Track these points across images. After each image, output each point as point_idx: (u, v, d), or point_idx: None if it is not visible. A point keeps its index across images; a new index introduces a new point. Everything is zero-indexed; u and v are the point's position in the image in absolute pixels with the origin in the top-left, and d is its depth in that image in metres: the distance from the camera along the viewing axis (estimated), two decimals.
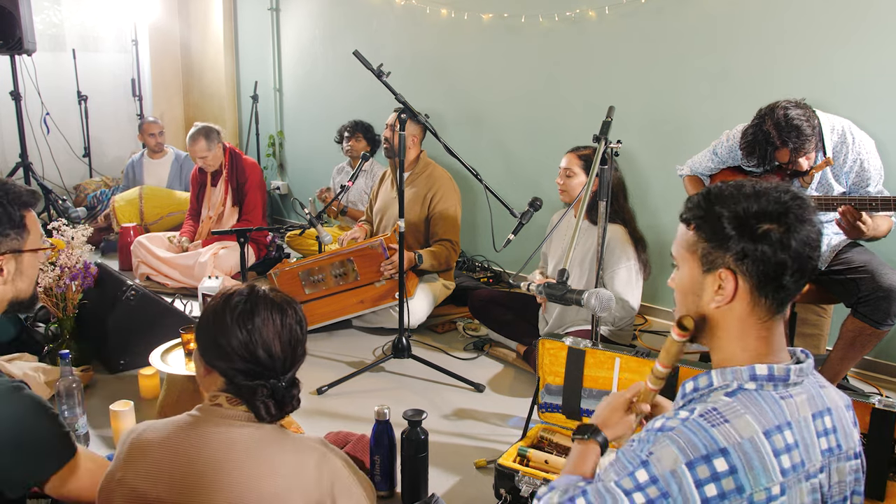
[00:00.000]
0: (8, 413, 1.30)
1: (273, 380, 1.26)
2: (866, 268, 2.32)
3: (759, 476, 0.93)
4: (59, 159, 5.37)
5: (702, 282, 1.06)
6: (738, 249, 1.00)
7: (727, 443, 0.93)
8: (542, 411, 2.23)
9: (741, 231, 1.00)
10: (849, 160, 2.36)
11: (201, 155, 3.93)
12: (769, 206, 1.00)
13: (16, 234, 1.39)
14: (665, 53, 3.32)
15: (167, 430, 1.24)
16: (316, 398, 2.64)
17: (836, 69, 2.82)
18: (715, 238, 1.02)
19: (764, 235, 0.98)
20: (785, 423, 0.97)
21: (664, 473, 0.93)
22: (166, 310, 2.86)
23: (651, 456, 0.95)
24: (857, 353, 2.37)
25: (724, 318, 1.05)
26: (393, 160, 3.43)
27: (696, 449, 0.93)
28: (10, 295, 1.42)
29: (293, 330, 1.28)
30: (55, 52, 5.45)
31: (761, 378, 1.01)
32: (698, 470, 0.92)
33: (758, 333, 1.04)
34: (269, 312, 1.25)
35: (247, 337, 1.22)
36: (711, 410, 0.97)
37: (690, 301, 1.09)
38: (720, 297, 1.03)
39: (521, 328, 2.97)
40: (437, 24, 4.20)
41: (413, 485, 1.95)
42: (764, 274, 1.00)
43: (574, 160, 2.70)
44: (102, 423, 2.36)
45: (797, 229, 0.99)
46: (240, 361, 1.23)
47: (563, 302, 1.42)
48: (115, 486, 1.23)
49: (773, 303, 1.02)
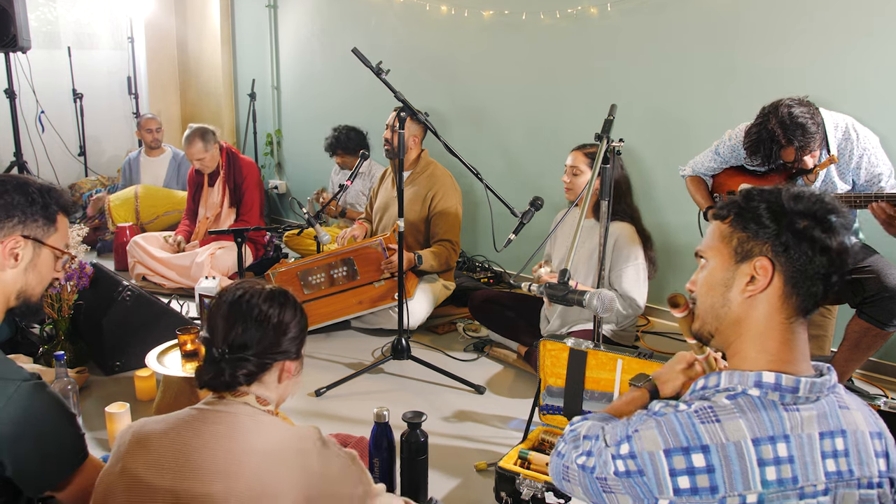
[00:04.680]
0: (33, 410, 1.30)
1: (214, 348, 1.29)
2: (872, 268, 2.30)
3: (736, 481, 0.93)
4: (54, 158, 5.33)
5: (733, 273, 1.06)
6: (780, 241, 1.01)
7: (710, 441, 0.94)
8: (543, 413, 2.22)
9: (780, 223, 1.01)
10: (854, 157, 2.34)
11: (198, 157, 3.90)
12: (813, 207, 1.02)
13: (44, 223, 1.39)
14: (667, 51, 3.30)
15: (170, 422, 1.26)
16: (314, 400, 2.61)
17: (840, 67, 2.80)
18: (753, 229, 1.04)
19: (805, 232, 1.00)
20: (781, 435, 0.96)
21: (642, 452, 0.98)
22: (163, 310, 2.84)
23: (635, 434, 1.00)
24: (862, 354, 2.35)
25: (749, 313, 1.05)
26: (393, 161, 3.40)
27: (678, 439, 0.96)
28: (19, 285, 1.39)
29: (252, 306, 1.30)
30: (50, 49, 5.42)
31: (766, 386, 0.99)
32: (674, 459, 0.95)
33: (781, 336, 1.03)
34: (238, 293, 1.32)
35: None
36: (706, 408, 0.98)
37: (718, 294, 1.08)
38: (752, 286, 1.03)
39: (522, 329, 2.95)
40: (437, 21, 4.17)
41: (413, 488, 1.94)
42: (801, 269, 1.01)
43: (580, 158, 2.68)
44: (98, 425, 2.33)
45: (837, 233, 1.00)
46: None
47: (565, 303, 1.41)
48: (115, 479, 1.23)
49: (803, 302, 1.03)
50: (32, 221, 1.38)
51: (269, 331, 1.30)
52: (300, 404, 2.57)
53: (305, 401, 2.60)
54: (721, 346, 1.11)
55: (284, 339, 1.32)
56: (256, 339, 1.29)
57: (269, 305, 1.31)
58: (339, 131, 4.29)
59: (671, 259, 3.35)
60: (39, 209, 1.38)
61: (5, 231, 1.34)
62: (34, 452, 1.30)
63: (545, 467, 1.98)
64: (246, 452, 1.20)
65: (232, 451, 1.20)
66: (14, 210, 1.35)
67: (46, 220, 1.40)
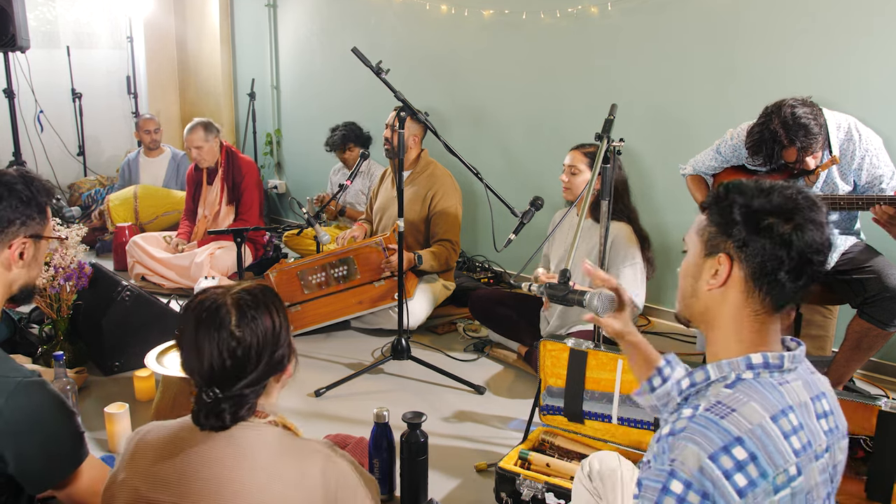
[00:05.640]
0: (34, 407, 1.29)
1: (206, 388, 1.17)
2: (873, 268, 2.30)
3: (776, 458, 0.94)
4: (53, 158, 5.31)
5: (702, 265, 1.09)
6: (741, 238, 1.03)
7: (739, 431, 0.94)
8: (543, 414, 2.21)
9: (746, 220, 1.03)
10: (856, 158, 2.33)
11: (197, 144, 3.86)
12: (779, 202, 1.02)
13: (39, 218, 1.42)
14: (668, 50, 3.29)
15: (171, 432, 1.22)
16: (314, 400, 2.61)
17: (843, 67, 2.79)
18: (721, 224, 1.06)
19: (767, 228, 1.01)
20: (787, 406, 0.99)
21: (693, 473, 0.92)
22: (162, 311, 2.83)
23: (674, 462, 0.94)
24: (863, 355, 2.35)
25: (718, 305, 1.08)
26: (393, 161, 3.40)
27: (713, 442, 0.94)
28: (22, 280, 1.44)
29: (227, 332, 1.13)
30: (49, 48, 5.40)
31: (758, 366, 1.03)
32: (722, 461, 0.93)
33: (751, 326, 1.06)
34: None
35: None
36: (716, 404, 0.98)
37: (689, 284, 1.13)
38: (714, 280, 1.06)
39: (522, 329, 2.94)
40: (437, 21, 4.16)
41: (412, 488, 1.93)
42: (760, 266, 1.02)
43: (579, 157, 2.67)
44: (97, 425, 2.33)
45: (802, 229, 1.00)
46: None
47: (565, 303, 1.41)
48: (117, 488, 1.21)
49: (769, 298, 1.04)
50: (31, 220, 1.40)
51: (258, 353, 1.16)
52: (300, 405, 2.56)
53: (305, 401, 2.59)
54: (702, 332, 1.14)
55: (277, 351, 1.19)
56: (248, 369, 1.16)
57: (244, 324, 1.14)
58: (347, 126, 4.28)
59: (670, 259, 3.34)
60: (33, 206, 1.40)
61: (9, 236, 1.38)
62: (36, 449, 1.30)
63: (545, 468, 1.98)
64: (248, 472, 1.15)
65: (234, 471, 1.15)
66: (13, 213, 1.37)
67: (40, 214, 1.42)
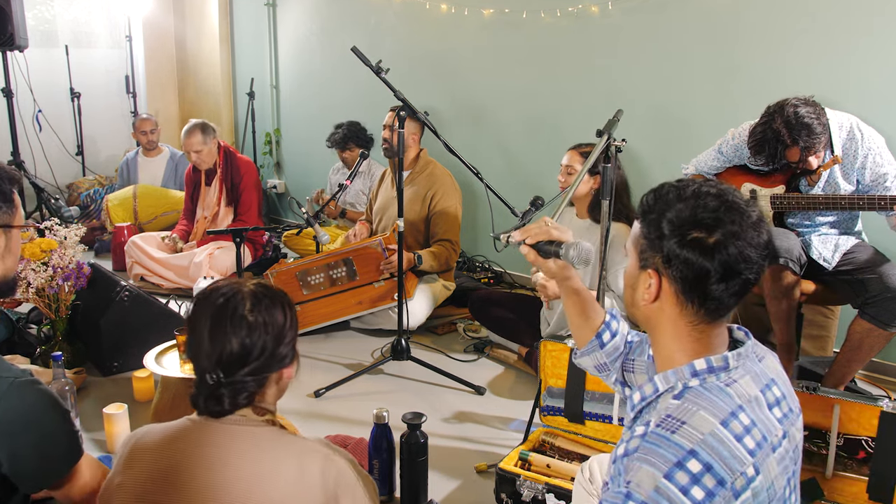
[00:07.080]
0: (27, 407, 1.28)
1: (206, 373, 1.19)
2: (874, 268, 2.29)
3: (732, 464, 0.94)
4: (52, 157, 5.30)
5: (637, 276, 1.09)
6: (666, 253, 1.02)
7: (692, 443, 0.94)
8: (543, 414, 2.21)
9: (673, 233, 1.01)
10: (858, 157, 2.32)
11: (196, 149, 3.86)
12: (702, 214, 1.00)
13: (7, 207, 1.38)
14: (669, 49, 3.28)
15: (166, 434, 1.21)
16: (313, 401, 2.60)
17: (844, 67, 2.78)
18: (650, 237, 1.05)
19: (692, 242, 0.99)
20: (737, 407, 0.99)
21: (649, 494, 0.92)
22: (161, 311, 2.82)
23: (630, 485, 0.94)
24: (864, 355, 2.34)
25: (657, 316, 1.08)
26: (393, 160, 3.39)
27: (666, 460, 0.93)
28: None
29: (240, 317, 1.18)
30: (47, 48, 5.39)
31: (702, 372, 1.03)
32: (677, 477, 0.92)
33: (690, 335, 1.05)
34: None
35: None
36: (666, 417, 0.98)
37: (629, 294, 1.12)
38: (648, 295, 1.06)
39: (523, 329, 2.93)
40: (436, 20, 4.15)
41: (412, 489, 1.93)
42: (686, 279, 1.01)
43: (576, 157, 2.67)
44: (95, 426, 2.32)
45: (728, 242, 0.98)
46: None
47: (543, 254, 1.36)
48: (114, 491, 1.20)
49: (703, 310, 1.03)
50: None
51: (264, 342, 1.19)
52: (299, 405, 2.55)
53: (305, 402, 2.58)
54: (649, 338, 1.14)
55: (282, 346, 1.22)
56: (253, 356, 1.19)
57: (258, 311, 1.19)
58: (350, 126, 4.27)
59: None
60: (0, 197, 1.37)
61: None
62: (30, 449, 1.29)
63: (546, 469, 1.97)
64: (247, 472, 1.15)
65: (233, 472, 1.14)
66: None
67: (8, 204, 1.38)
